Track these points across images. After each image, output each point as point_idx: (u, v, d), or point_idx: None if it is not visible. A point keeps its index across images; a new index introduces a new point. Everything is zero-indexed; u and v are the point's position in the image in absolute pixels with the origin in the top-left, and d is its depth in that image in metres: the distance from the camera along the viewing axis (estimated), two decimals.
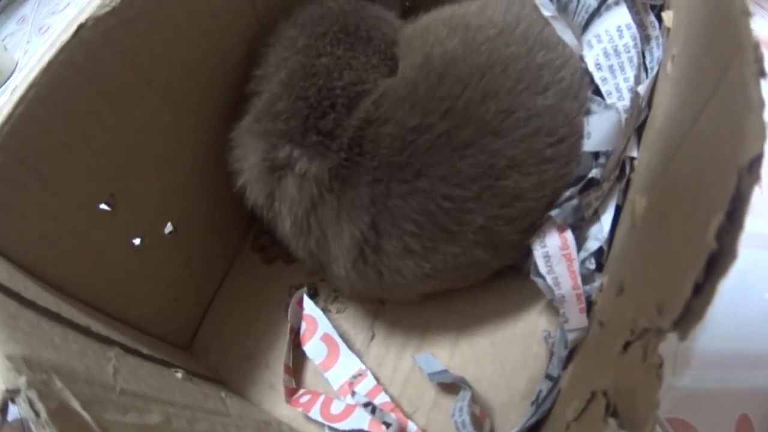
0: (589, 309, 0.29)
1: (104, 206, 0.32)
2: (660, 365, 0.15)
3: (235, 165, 0.35)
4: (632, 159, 0.32)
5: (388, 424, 0.31)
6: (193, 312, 0.43)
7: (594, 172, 0.31)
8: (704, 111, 0.18)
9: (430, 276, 0.31)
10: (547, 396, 0.29)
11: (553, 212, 0.30)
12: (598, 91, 0.32)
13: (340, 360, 0.36)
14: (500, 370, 0.33)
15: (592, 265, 0.31)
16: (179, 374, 0.32)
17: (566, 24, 0.34)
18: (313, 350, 0.36)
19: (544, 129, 0.30)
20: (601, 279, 0.30)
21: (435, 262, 0.31)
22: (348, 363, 0.36)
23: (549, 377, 0.30)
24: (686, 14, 0.27)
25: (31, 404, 0.17)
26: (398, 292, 0.34)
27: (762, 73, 0.14)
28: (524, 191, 0.30)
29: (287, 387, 0.36)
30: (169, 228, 0.38)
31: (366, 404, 0.32)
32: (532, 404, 0.30)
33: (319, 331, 0.37)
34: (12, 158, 0.26)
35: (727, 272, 0.13)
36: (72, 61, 0.28)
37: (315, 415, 0.34)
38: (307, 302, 0.38)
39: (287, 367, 0.37)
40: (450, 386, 0.34)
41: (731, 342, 0.34)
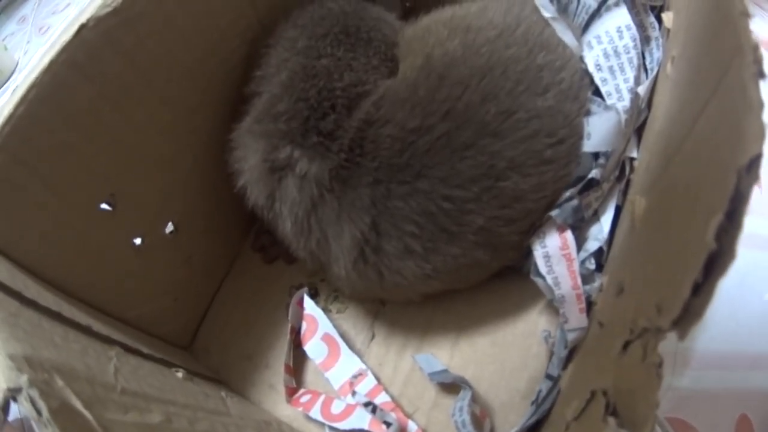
0: (589, 309, 0.29)
1: (105, 206, 0.32)
2: (660, 365, 0.15)
3: (236, 166, 0.35)
4: (632, 160, 0.33)
5: (388, 424, 0.31)
6: (193, 312, 0.43)
7: (594, 173, 0.31)
8: (704, 112, 0.18)
9: (431, 276, 0.32)
10: (547, 396, 0.29)
11: (553, 212, 0.30)
12: (598, 91, 0.32)
13: (341, 360, 0.36)
14: (500, 370, 0.33)
15: (592, 265, 0.31)
16: (180, 374, 0.32)
17: (566, 25, 0.34)
18: (314, 350, 0.37)
19: (544, 130, 0.30)
20: (601, 279, 0.30)
21: (435, 263, 0.31)
22: (348, 363, 0.36)
23: (549, 377, 0.30)
24: (686, 15, 0.27)
25: (33, 403, 0.17)
26: (398, 292, 0.34)
27: (761, 75, 0.14)
28: (524, 192, 0.30)
29: (288, 387, 0.36)
30: (169, 228, 0.38)
31: (366, 404, 0.32)
32: (532, 404, 0.30)
33: (320, 330, 0.37)
34: (12, 159, 0.26)
35: (726, 272, 0.13)
36: (73, 62, 0.28)
37: (315, 414, 0.34)
38: (308, 302, 0.38)
39: (288, 367, 0.37)
40: (450, 386, 0.34)
41: (731, 343, 0.34)
